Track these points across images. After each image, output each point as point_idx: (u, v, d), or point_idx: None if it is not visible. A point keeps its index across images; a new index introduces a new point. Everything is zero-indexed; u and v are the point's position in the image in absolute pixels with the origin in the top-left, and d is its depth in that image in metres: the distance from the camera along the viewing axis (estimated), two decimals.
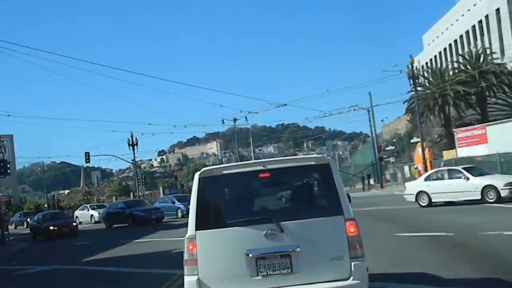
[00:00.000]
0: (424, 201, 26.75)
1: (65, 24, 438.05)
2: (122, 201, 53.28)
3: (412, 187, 28.52)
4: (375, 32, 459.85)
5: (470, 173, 25.90)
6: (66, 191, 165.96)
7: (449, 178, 26.53)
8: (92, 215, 53.68)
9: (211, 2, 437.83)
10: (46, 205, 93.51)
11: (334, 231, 6.58)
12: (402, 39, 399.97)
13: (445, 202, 26.24)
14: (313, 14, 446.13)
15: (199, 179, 6.93)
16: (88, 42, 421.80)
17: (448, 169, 28.51)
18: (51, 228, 35.76)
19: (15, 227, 61.80)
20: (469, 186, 25.23)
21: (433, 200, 26.56)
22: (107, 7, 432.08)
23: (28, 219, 56.09)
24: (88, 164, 79.00)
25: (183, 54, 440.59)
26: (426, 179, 27.91)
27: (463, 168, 27.06)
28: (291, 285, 6.43)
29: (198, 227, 6.66)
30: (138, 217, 38.39)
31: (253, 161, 8.96)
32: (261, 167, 7.09)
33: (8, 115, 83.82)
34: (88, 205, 61.17)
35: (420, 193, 27.11)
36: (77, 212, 57.55)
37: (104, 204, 65.15)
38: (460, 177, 25.88)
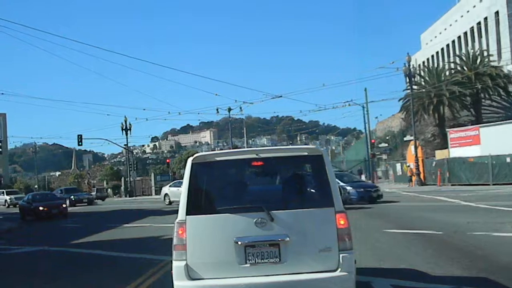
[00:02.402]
0: None
1: (67, 4, 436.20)
2: None
3: None
4: (373, 29, 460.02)
5: None
6: (57, 173, 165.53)
7: None
8: None
9: None
10: (36, 186, 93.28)
11: (324, 222, 6.58)
12: (400, 37, 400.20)
13: None
14: (312, 7, 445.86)
15: (192, 164, 6.90)
16: (85, 23, 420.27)
17: None
18: (41, 208, 35.64)
19: (8, 206, 61.35)
20: None
21: None
22: None
23: (72, 196, 55.56)
24: (80, 147, 78.58)
25: (181, 41, 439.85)
26: None
27: None
28: (279, 274, 6.43)
29: (189, 212, 6.64)
30: None
31: (247, 149, 8.96)
32: (254, 155, 7.07)
33: (2, 93, 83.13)
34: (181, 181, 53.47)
35: None
36: (167, 189, 47.39)
37: None
38: None
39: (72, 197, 55.43)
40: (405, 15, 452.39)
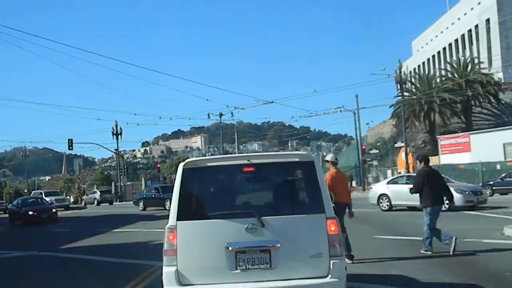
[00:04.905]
0: None
1: (54, 9, 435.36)
2: None
3: None
4: (365, 35, 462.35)
5: None
6: (47, 178, 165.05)
7: None
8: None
9: None
10: (26, 190, 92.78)
11: (315, 228, 6.58)
12: (391, 43, 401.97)
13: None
14: (305, 13, 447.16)
15: (183, 170, 6.89)
16: (76, 28, 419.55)
17: None
18: (30, 213, 35.47)
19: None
20: None
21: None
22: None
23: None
24: (70, 152, 78.72)
25: (172, 46, 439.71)
26: None
27: None
28: (269, 280, 6.42)
29: (180, 217, 6.63)
30: None
31: (238, 154, 8.95)
32: (245, 161, 7.07)
33: None
34: None
35: None
36: (383, 188, 32.20)
37: None
38: None
39: None
40: (396, 22, 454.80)
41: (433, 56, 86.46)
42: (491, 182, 36.31)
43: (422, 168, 13.84)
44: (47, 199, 54.27)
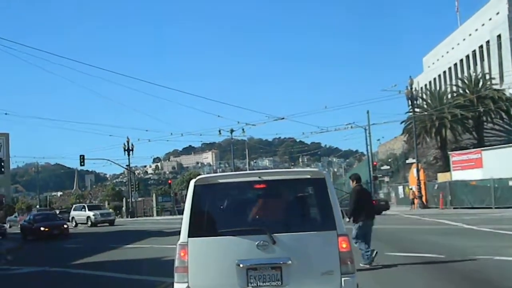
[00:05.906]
0: None
1: (66, 28, 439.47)
2: None
3: None
4: (376, 52, 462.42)
5: None
6: (59, 193, 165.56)
7: None
8: None
9: (211, 13, 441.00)
10: (38, 206, 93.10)
11: (326, 245, 6.57)
12: (402, 60, 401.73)
13: None
14: (315, 31, 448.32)
15: (194, 186, 6.91)
16: (88, 45, 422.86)
17: None
18: (42, 228, 35.57)
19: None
20: None
21: None
22: (110, 15, 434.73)
23: None
24: (82, 167, 78.64)
25: (183, 62, 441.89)
26: None
27: None
28: None
29: (191, 234, 6.64)
30: None
31: (249, 171, 8.96)
32: (256, 178, 7.08)
33: (6, 114, 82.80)
34: None
35: None
36: None
37: None
38: None
39: None
40: (408, 38, 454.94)
41: (444, 72, 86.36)
42: None
43: (355, 187, 14.64)
44: (91, 213, 53.02)
